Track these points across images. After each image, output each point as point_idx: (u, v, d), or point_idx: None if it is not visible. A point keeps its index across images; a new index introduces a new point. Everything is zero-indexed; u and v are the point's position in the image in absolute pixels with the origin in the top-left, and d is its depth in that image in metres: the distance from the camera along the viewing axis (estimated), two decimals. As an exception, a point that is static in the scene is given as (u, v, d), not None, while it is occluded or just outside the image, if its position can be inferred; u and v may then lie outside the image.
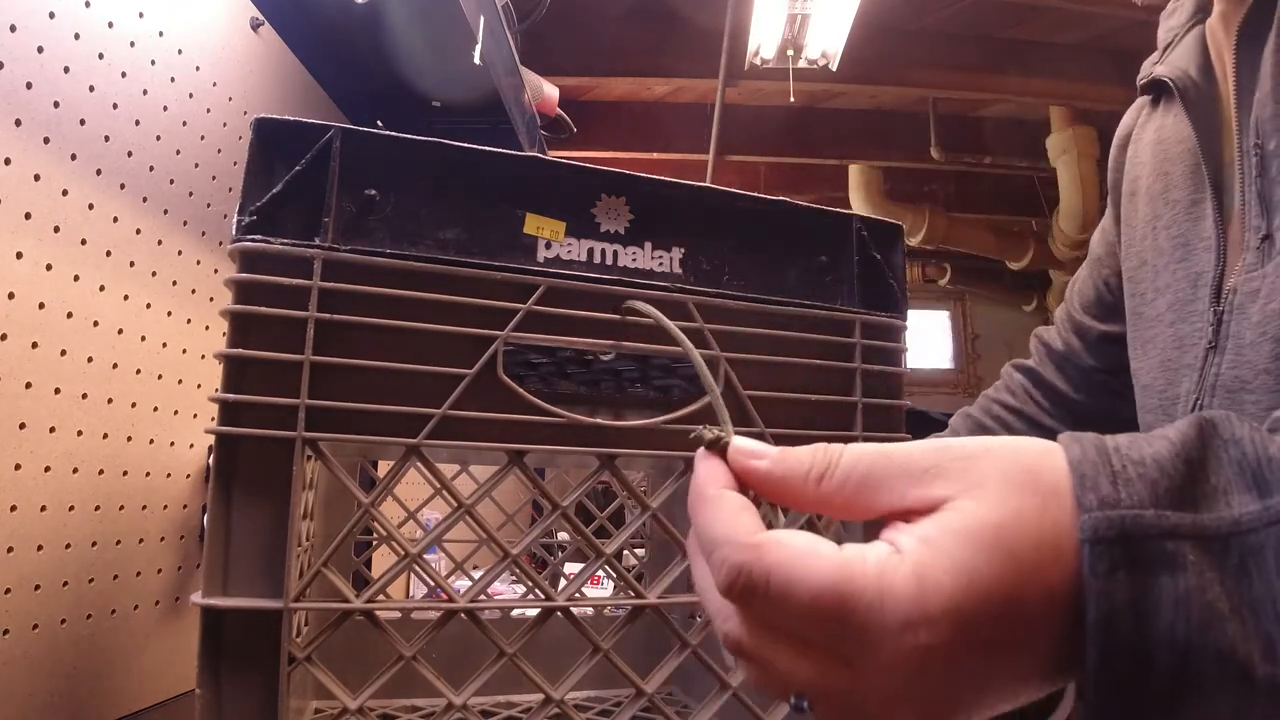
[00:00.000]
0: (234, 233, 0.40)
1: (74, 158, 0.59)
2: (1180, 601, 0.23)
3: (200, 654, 0.37)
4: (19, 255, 0.54)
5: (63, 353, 0.59)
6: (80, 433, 0.61)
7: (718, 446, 0.30)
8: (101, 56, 0.62)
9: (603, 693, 0.75)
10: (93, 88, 0.61)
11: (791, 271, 0.49)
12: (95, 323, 0.62)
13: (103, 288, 0.63)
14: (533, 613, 0.45)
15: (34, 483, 0.56)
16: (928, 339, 5.24)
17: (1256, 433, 0.26)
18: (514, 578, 1.06)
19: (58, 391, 0.58)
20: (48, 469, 0.57)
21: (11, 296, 0.54)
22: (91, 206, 0.61)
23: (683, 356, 0.47)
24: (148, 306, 0.68)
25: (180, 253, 0.73)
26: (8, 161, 0.53)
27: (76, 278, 0.60)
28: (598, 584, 1.36)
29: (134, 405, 0.67)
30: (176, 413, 0.73)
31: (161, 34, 0.69)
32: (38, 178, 0.56)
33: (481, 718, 0.51)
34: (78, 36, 0.59)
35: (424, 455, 0.43)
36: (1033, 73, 2.90)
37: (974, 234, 4.03)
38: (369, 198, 0.41)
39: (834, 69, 2.42)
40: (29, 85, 0.55)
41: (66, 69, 0.58)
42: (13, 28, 0.53)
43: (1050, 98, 3.10)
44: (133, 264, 0.66)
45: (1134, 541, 0.24)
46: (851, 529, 0.47)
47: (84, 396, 0.61)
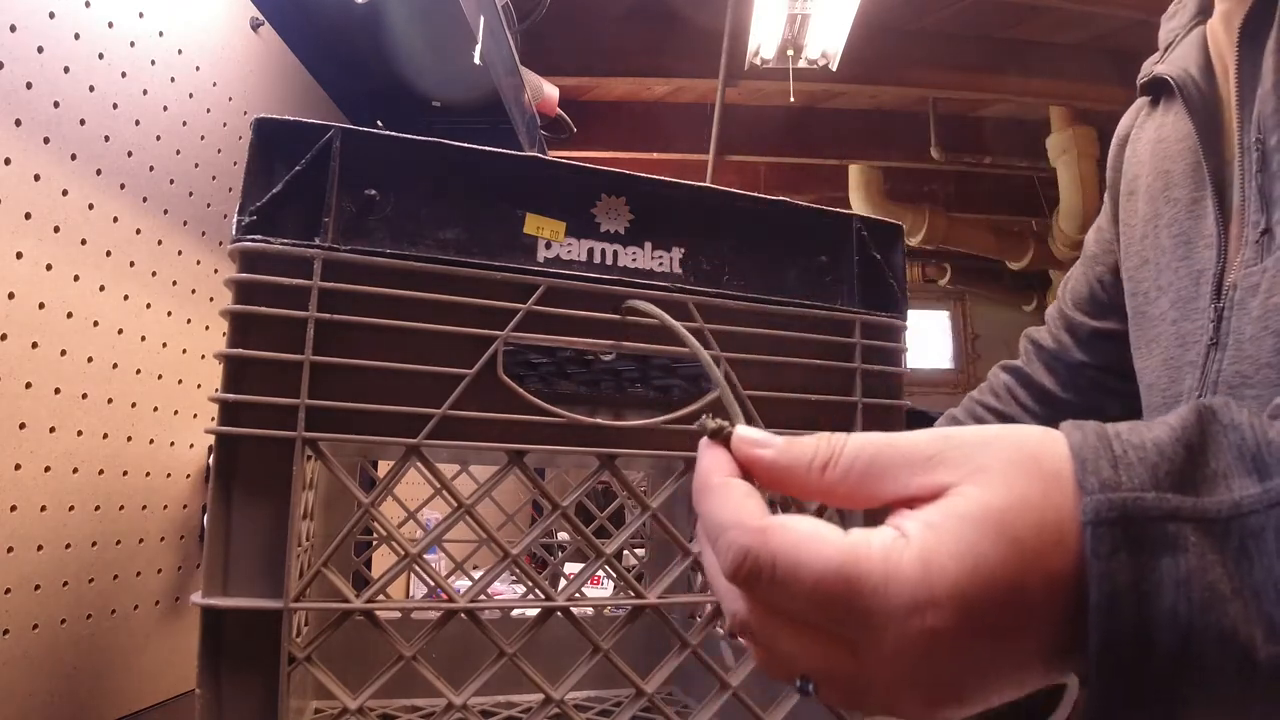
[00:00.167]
0: (234, 233, 0.40)
1: (74, 158, 0.59)
2: (1182, 583, 0.23)
3: (200, 654, 0.37)
4: (19, 255, 0.54)
5: (63, 353, 0.59)
6: (80, 433, 0.61)
7: (721, 436, 0.30)
8: (101, 56, 0.62)
9: (603, 693, 0.75)
10: (93, 88, 0.61)
11: (791, 271, 0.49)
12: (95, 323, 0.62)
13: (103, 288, 0.63)
14: (533, 613, 0.45)
15: (34, 483, 0.56)
16: (928, 339, 5.25)
17: (1255, 417, 0.26)
18: (514, 578, 1.06)
19: (58, 391, 0.58)
20: (48, 469, 0.57)
21: (11, 296, 0.54)
22: (91, 206, 0.61)
23: (683, 356, 0.48)
24: (148, 306, 0.68)
25: (180, 253, 0.73)
26: (8, 161, 0.53)
27: (76, 278, 0.60)
28: (598, 584, 1.36)
29: (134, 405, 0.67)
30: (176, 413, 0.73)
31: (161, 34, 0.69)
32: (38, 178, 0.56)
33: (481, 718, 0.51)
34: (78, 36, 0.59)
35: (424, 455, 0.43)
36: (1033, 73, 2.90)
37: (974, 234, 4.03)
38: (369, 198, 0.41)
39: (834, 69, 2.42)
40: (29, 85, 0.55)
41: (66, 69, 0.58)
42: (13, 28, 0.53)
43: (1050, 98, 3.10)
44: (133, 264, 0.66)
45: (1135, 523, 0.24)
46: (854, 519, 0.47)
47: (84, 396, 0.61)
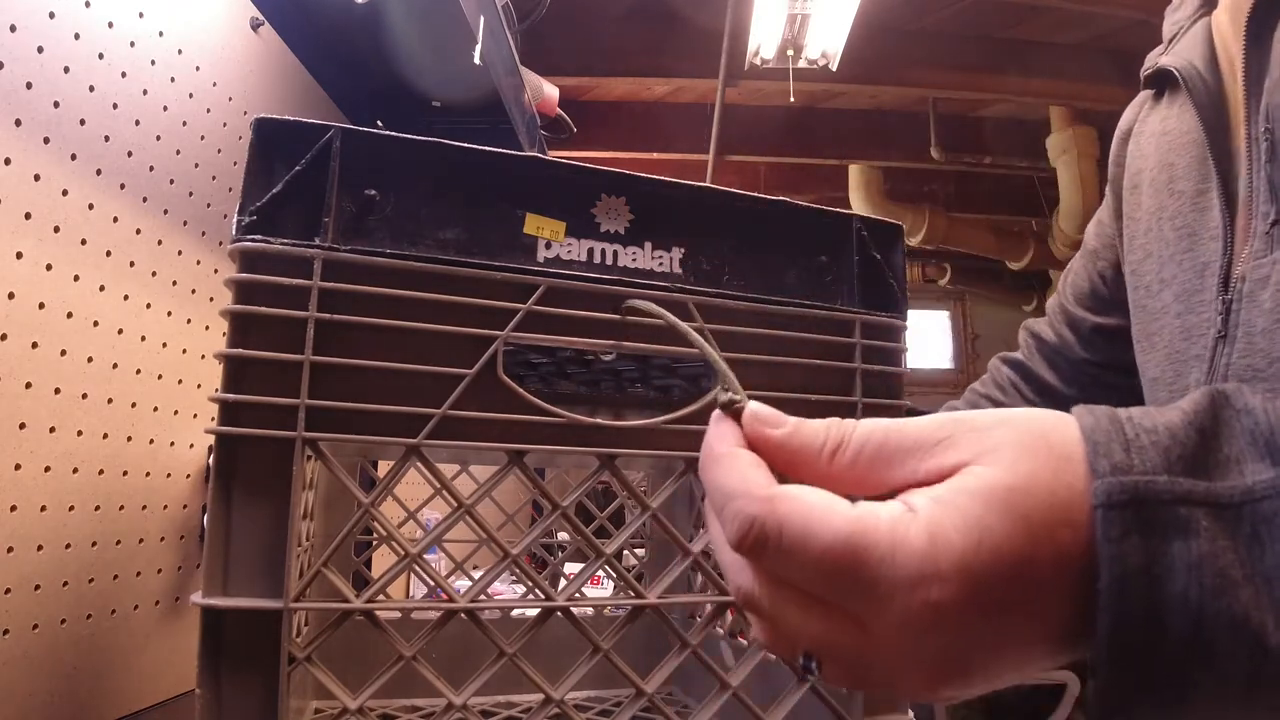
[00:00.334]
0: (234, 233, 0.40)
1: (74, 158, 0.59)
2: (1193, 568, 0.23)
3: (200, 654, 0.37)
4: (19, 255, 0.54)
5: (63, 353, 0.59)
6: (80, 433, 0.61)
7: (731, 409, 0.30)
8: (101, 56, 0.62)
9: (603, 693, 0.75)
10: (93, 88, 0.61)
11: (791, 271, 0.49)
12: (95, 323, 0.62)
13: (103, 288, 0.63)
14: (533, 613, 0.45)
15: (34, 483, 0.56)
16: (928, 339, 5.24)
17: (1270, 402, 0.26)
18: (514, 578, 1.06)
19: (58, 391, 0.58)
20: (48, 469, 0.57)
21: (11, 296, 0.54)
22: (91, 206, 0.61)
23: (683, 356, 0.48)
24: (148, 306, 0.68)
25: (180, 253, 0.73)
26: (8, 161, 0.53)
27: (76, 278, 0.60)
28: (598, 584, 1.36)
29: (134, 405, 0.67)
30: (176, 413, 0.73)
31: (161, 34, 0.69)
32: (38, 178, 0.56)
33: (481, 718, 0.51)
34: (78, 36, 0.59)
35: (424, 455, 0.43)
36: (1033, 73, 2.90)
37: (974, 234, 4.03)
38: (369, 198, 0.41)
39: (834, 69, 2.42)
40: (29, 85, 0.55)
41: (66, 69, 0.58)
42: (13, 28, 0.53)
43: (1050, 98, 3.10)
44: (133, 264, 0.66)
45: (1147, 507, 0.24)
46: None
47: (84, 396, 0.61)
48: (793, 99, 2.59)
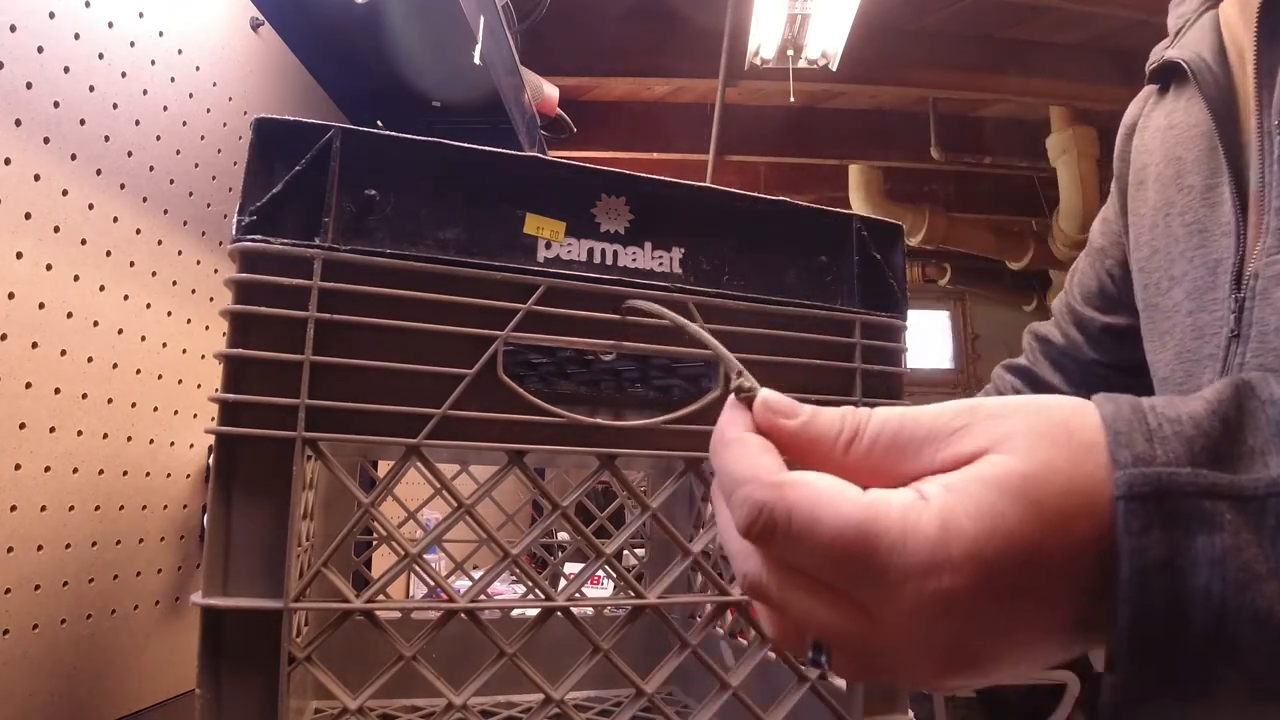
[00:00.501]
0: (234, 233, 0.40)
1: (74, 158, 0.59)
2: (1216, 561, 0.23)
3: (200, 654, 0.37)
4: (19, 255, 0.54)
5: (63, 353, 0.59)
6: (80, 433, 0.61)
7: (745, 396, 0.29)
8: (101, 56, 0.62)
9: (603, 693, 0.75)
10: (93, 88, 0.61)
11: (791, 271, 0.49)
12: (95, 323, 0.62)
13: (103, 288, 0.63)
14: (533, 613, 0.45)
15: (34, 483, 0.56)
16: (928, 339, 5.24)
17: None
18: (514, 578, 1.06)
19: (58, 391, 0.58)
20: (48, 469, 0.57)
21: (11, 296, 0.54)
22: (91, 206, 0.61)
23: (683, 356, 0.48)
24: (148, 306, 0.68)
25: (180, 253, 0.73)
26: (8, 161, 0.53)
27: (76, 278, 0.60)
28: (598, 584, 1.36)
29: (134, 405, 0.67)
30: (176, 413, 0.73)
31: (161, 34, 0.69)
32: (38, 178, 0.56)
33: (481, 718, 0.51)
34: (78, 36, 0.59)
35: (424, 455, 0.43)
36: (1033, 73, 2.89)
37: (974, 234, 4.03)
38: (369, 198, 0.41)
39: (834, 69, 2.42)
40: (29, 85, 0.55)
41: (66, 69, 0.58)
42: (13, 28, 0.53)
43: (1050, 98, 3.10)
44: (133, 264, 0.66)
45: (1170, 499, 0.23)
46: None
47: (84, 396, 0.61)
48: (793, 99, 2.59)
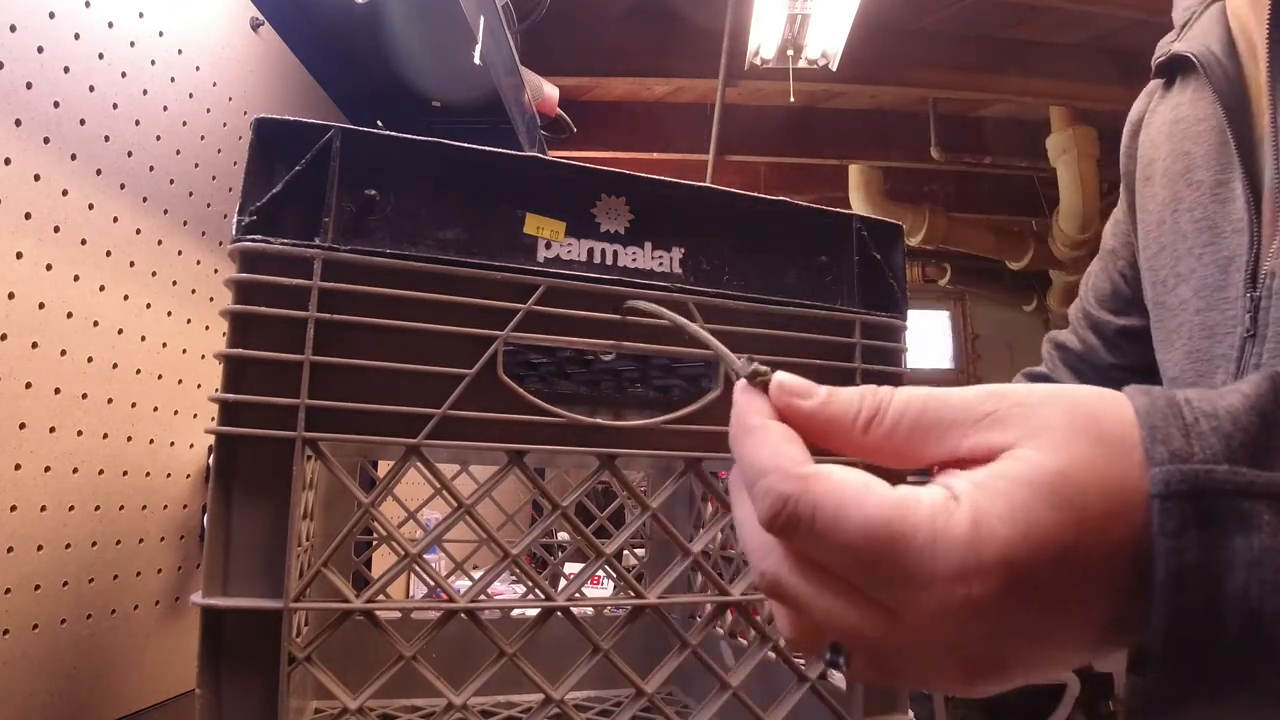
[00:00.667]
0: (234, 233, 0.40)
1: (74, 158, 0.59)
2: (1254, 564, 0.22)
3: (200, 654, 0.37)
4: (19, 255, 0.54)
5: (63, 353, 0.59)
6: (80, 433, 0.61)
7: (759, 380, 0.29)
8: (101, 56, 0.62)
9: (603, 693, 0.75)
10: (93, 88, 0.61)
11: (791, 271, 0.49)
12: (95, 323, 0.62)
13: (103, 288, 0.63)
14: (533, 613, 0.45)
15: (34, 483, 0.56)
16: (928, 339, 5.24)
17: None
18: (514, 578, 1.06)
19: (58, 391, 0.58)
20: (48, 469, 0.57)
21: (11, 296, 0.54)
22: (91, 206, 0.61)
23: (683, 356, 0.48)
24: (148, 306, 0.68)
25: (180, 253, 0.73)
26: (8, 161, 0.53)
27: (76, 278, 0.60)
28: (598, 584, 1.36)
29: (134, 405, 0.67)
30: (176, 413, 0.73)
31: (161, 34, 0.69)
32: (38, 178, 0.56)
33: (481, 718, 0.51)
34: (78, 36, 0.59)
35: (424, 455, 0.43)
36: (1033, 73, 2.89)
37: (974, 234, 4.03)
38: (369, 198, 0.41)
39: (834, 69, 2.42)
40: (29, 85, 0.55)
41: (66, 69, 0.58)
42: (13, 28, 0.53)
43: (1050, 98, 3.10)
44: (133, 264, 0.66)
45: (1207, 498, 0.22)
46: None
47: (84, 396, 0.61)
48: (793, 99, 2.59)
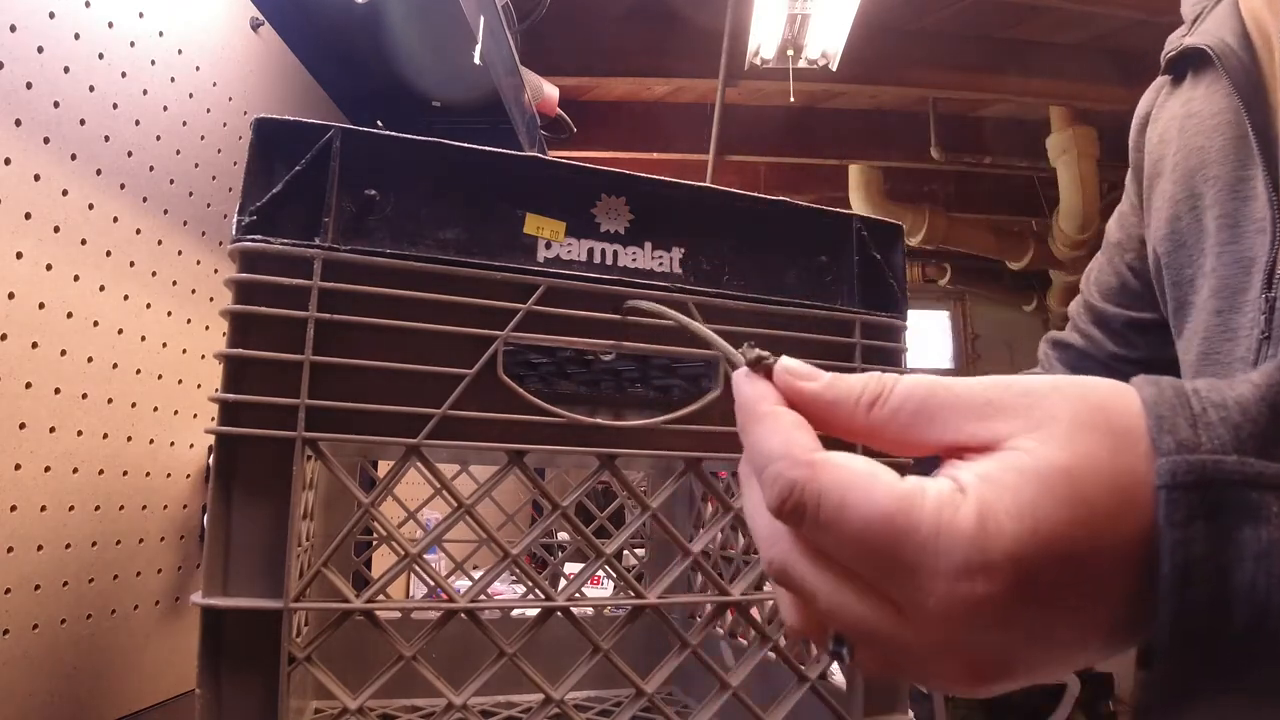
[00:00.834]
0: (234, 233, 0.40)
1: (74, 158, 0.59)
2: (1262, 556, 0.21)
3: (200, 654, 0.37)
4: (19, 255, 0.54)
5: (63, 353, 0.59)
6: (80, 433, 0.61)
7: (763, 367, 0.28)
8: (101, 56, 0.62)
9: (603, 693, 0.75)
10: (93, 88, 0.61)
11: (791, 271, 0.49)
12: (95, 323, 0.62)
13: (103, 288, 0.63)
14: (533, 613, 0.45)
15: (34, 483, 0.56)
16: (928, 339, 5.24)
17: None
18: (514, 578, 1.06)
19: (58, 391, 0.58)
20: (48, 469, 0.57)
21: (11, 296, 0.54)
22: (91, 206, 0.61)
23: (683, 356, 0.48)
24: (148, 306, 0.68)
25: (180, 253, 0.73)
26: (8, 161, 0.53)
27: (76, 278, 0.60)
28: (598, 584, 1.36)
29: (134, 405, 0.67)
30: (176, 413, 0.73)
31: (161, 34, 0.69)
32: (38, 178, 0.56)
33: (481, 718, 0.51)
34: (78, 36, 0.59)
35: (424, 455, 0.43)
36: (1033, 73, 2.90)
37: (974, 234, 4.03)
38: (369, 198, 0.41)
39: (834, 69, 2.42)
40: (29, 85, 0.55)
41: (66, 69, 0.58)
42: (13, 28, 0.53)
43: (1050, 98, 3.10)
44: (133, 264, 0.66)
45: (1214, 489, 0.22)
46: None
47: (84, 396, 0.61)
48: (793, 99, 2.59)
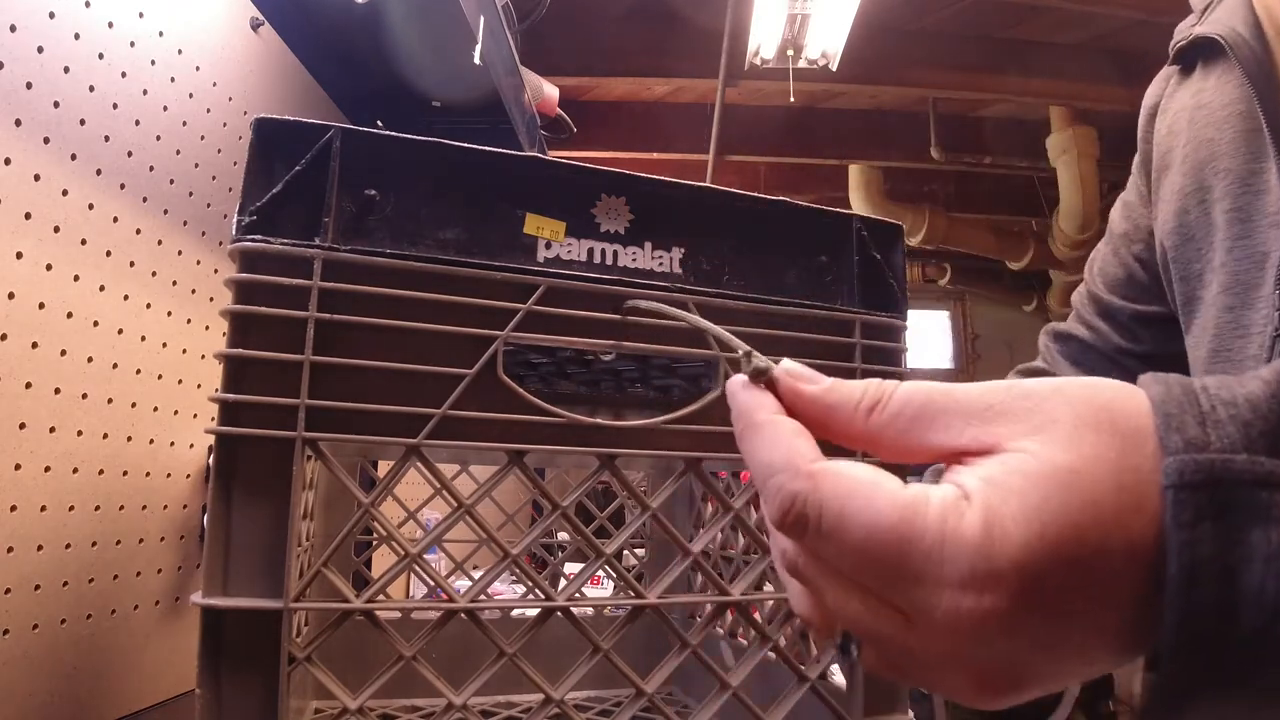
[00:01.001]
0: (234, 233, 0.40)
1: (74, 158, 0.59)
2: (1272, 558, 0.21)
3: (200, 654, 0.37)
4: (19, 255, 0.54)
5: (63, 353, 0.59)
6: (80, 433, 0.61)
7: (763, 376, 0.28)
8: (101, 56, 0.62)
9: (603, 693, 0.75)
10: (93, 88, 0.61)
11: (791, 271, 0.49)
12: (95, 323, 0.62)
13: (103, 288, 0.63)
14: (533, 613, 0.45)
15: (34, 483, 0.56)
16: (928, 339, 5.25)
17: None
18: (514, 578, 1.06)
19: (58, 391, 0.58)
20: (48, 469, 0.57)
21: (11, 296, 0.54)
22: (91, 206, 0.61)
23: (683, 356, 0.48)
24: (148, 306, 0.68)
25: (180, 253, 0.73)
26: (8, 161, 0.53)
27: (76, 278, 0.60)
28: (598, 584, 1.36)
29: (134, 405, 0.67)
30: (176, 413, 0.73)
31: (161, 34, 0.69)
32: (38, 178, 0.56)
33: (481, 718, 0.51)
34: (78, 36, 0.59)
35: (424, 455, 0.43)
36: (1033, 73, 2.90)
37: (974, 234, 4.03)
38: (369, 198, 0.41)
39: (834, 69, 2.42)
40: (29, 85, 0.55)
41: (66, 69, 0.58)
42: (13, 28, 0.53)
43: (1050, 98, 3.10)
44: (133, 264, 0.66)
45: (1223, 488, 0.21)
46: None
47: (84, 396, 0.61)
48: (793, 99, 2.59)
